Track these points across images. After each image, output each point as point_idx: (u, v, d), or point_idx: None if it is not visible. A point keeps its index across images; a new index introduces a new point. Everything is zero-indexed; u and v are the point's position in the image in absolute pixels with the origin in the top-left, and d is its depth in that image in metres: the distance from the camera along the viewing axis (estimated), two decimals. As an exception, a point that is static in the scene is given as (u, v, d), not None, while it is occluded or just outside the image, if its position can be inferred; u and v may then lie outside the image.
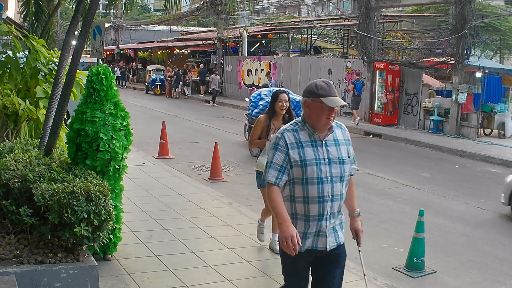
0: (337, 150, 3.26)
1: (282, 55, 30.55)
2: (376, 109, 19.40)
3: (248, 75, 28.22)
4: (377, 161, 12.67)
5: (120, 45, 42.09)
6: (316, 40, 32.47)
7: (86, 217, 4.14)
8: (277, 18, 36.45)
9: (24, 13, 10.56)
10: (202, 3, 30.30)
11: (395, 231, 7.39)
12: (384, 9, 22.57)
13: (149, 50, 41.19)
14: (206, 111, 23.06)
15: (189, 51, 35.87)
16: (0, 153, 5.14)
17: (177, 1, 11.39)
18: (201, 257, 5.63)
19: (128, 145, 5.26)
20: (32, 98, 6.34)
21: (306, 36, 32.26)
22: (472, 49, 20.01)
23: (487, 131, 17.84)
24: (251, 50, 31.41)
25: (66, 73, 5.26)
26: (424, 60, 18.77)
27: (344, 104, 3.34)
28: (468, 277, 6.06)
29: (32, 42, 6.52)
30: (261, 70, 27.33)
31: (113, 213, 4.44)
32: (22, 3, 10.56)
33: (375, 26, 20.16)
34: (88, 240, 4.22)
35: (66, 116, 7.33)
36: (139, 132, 14.58)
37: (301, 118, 3.32)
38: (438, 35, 18.39)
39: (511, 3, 32.16)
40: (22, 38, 7.11)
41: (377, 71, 19.22)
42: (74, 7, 7.10)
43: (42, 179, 4.44)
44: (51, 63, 6.55)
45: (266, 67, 26.89)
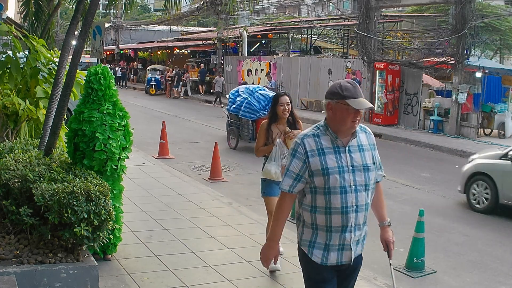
0: (361, 157, 3.03)
1: (282, 55, 30.55)
2: (376, 109, 19.40)
3: (248, 75, 28.22)
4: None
5: (120, 45, 42.09)
6: (316, 40, 32.48)
7: (86, 217, 4.14)
8: (277, 18, 36.46)
9: (24, 13, 10.55)
10: (202, 3, 30.30)
11: (395, 231, 7.32)
12: (384, 9, 22.58)
13: (149, 50, 41.20)
14: (206, 111, 23.06)
15: (189, 51, 35.88)
16: (0, 153, 5.14)
17: (177, 1, 11.38)
18: (201, 257, 5.63)
19: (128, 146, 5.23)
20: (32, 98, 6.34)
21: (306, 36, 32.26)
22: (472, 49, 20.01)
23: (487, 131, 17.85)
24: (251, 50, 31.42)
25: (66, 73, 5.26)
26: (424, 60, 18.77)
27: (371, 107, 2.98)
28: (468, 277, 6.06)
29: (32, 42, 6.52)
30: (261, 70, 27.33)
31: (113, 213, 4.44)
32: (22, 3, 10.55)
33: (375, 26, 20.16)
34: (88, 240, 4.22)
35: (68, 116, 7.33)
36: (139, 132, 14.58)
37: (323, 122, 3.06)
38: (438, 35, 18.40)
39: (511, 3, 32.16)
40: (22, 38, 7.12)
41: (377, 71, 19.23)
42: (74, 7, 7.10)
43: (42, 179, 4.44)
44: (51, 63, 6.55)
45: (266, 67, 26.89)
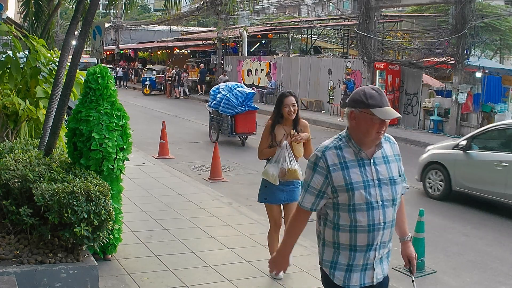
0: (388, 169, 2.80)
1: (282, 55, 30.56)
2: (376, 109, 19.38)
3: (248, 75, 28.22)
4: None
5: (120, 45, 42.10)
6: (316, 40, 32.48)
7: (86, 217, 4.14)
8: (277, 18, 36.45)
9: (24, 13, 10.56)
10: (202, 3, 30.30)
11: (395, 231, 7.37)
12: (384, 9, 22.58)
13: (149, 50, 41.20)
14: (206, 111, 22.97)
15: (189, 51, 35.88)
16: (0, 153, 5.14)
17: (177, 1, 11.39)
18: (201, 257, 5.63)
19: (127, 146, 5.19)
20: (32, 98, 6.35)
21: (306, 36, 32.26)
22: (472, 49, 20.01)
23: (487, 131, 17.80)
24: (251, 50, 31.42)
25: (66, 73, 5.26)
26: (424, 60, 18.77)
27: (399, 117, 2.77)
28: (468, 277, 6.06)
29: (32, 42, 6.52)
30: (261, 70, 27.32)
31: (113, 213, 4.44)
32: (22, 3, 10.56)
33: (375, 26, 20.16)
34: (88, 240, 4.22)
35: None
36: (139, 132, 14.58)
37: (346, 132, 2.82)
38: (438, 35, 18.40)
39: (511, 3, 32.16)
40: (22, 38, 7.12)
41: (377, 71, 19.23)
42: (74, 7, 7.10)
43: (42, 179, 4.44)
44: (51, 63, 6.55)
45: (266, 67, 26.89)
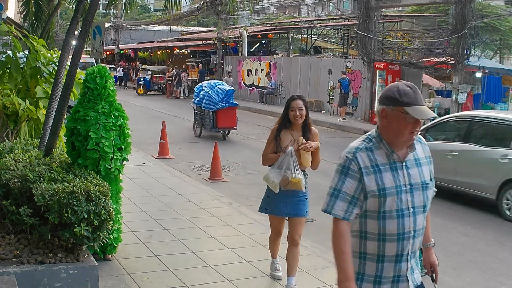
0: (420, 173, 2.58)
1: (282, 55, 30.56)
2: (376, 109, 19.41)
3: (248, 75, 28.22)
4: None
5: (120, 45, 42.12)
6: (316, 40, 32.48)
7: (86, 217, 4.14)
8: (277, 18, 36.46)
9: (24, 13, 10.56)
10: (202, 3, 30.30)
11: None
12: (384, 9, 22.59)
13: (149, 50, 41.23)
14: (206, 111, 23.02)
15: (189, 51, 35.91)
16: (0, 153, 5.14)
17: (177, 1, 11.39)
18: (201, 257, 5.62)
19: (125, 146, 5.17)
20: (32, 98, 6.34)
21: (306, 36, 32.27)
22: (472, 49, 20.03)
23: (487, 131, 17.83)
24: (251, 50, 31.43)
25: (66, 73, 5.26)
26: (424, 60, 18.79)
27: (434, 116, 2.60)
28: (468, 277, 6.06)
29: (32, 42, 6.52)
30: (261, 70, 27.33)
31: (113, 213, 4.44)
32: (22, 3, 10.56)
33: (375, 26, 20.17)
34: (88, 240, 4.22)
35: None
36: (139, 132, 14.58)
37: (375, 132, 2.59)
38: (438, 35, 18.41)
39: (511, 3, 32.16)
40: (22, 38, 7.12)
41: (377, 71, 19.25)
42: (74, 7, 7.10)
43: (42, 179, 4.44)
44: (51, 63, 6.55)
45: (266, 67, 26.89)
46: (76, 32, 6.73)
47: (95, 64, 6.01)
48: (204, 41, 33.56)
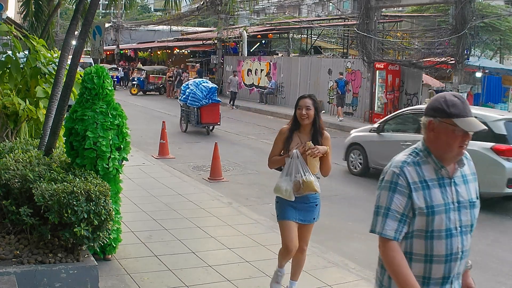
0: (467, 190, 2.44)
1: (282, 55, 30.56)
2: (376, 109, 19.41)
3: (248, 75, 28.22)
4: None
5: (120, 45, 42.12)
6: (316, 40, 32.49)
7: (86, 217, 4.14)
8: (277, 18, 36.48)
9: (24, 13, 10.57)
10: (202, 3, 30.32)
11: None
12: (384, 9, 22.60)
13: (149, 50, 41.23)
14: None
15: (189, 51, 35.90)
16: (0, 153, 5.14)
17: (177, 1, 11.39)
18: (201, 257, 5.62)
19: (124, 146, 5.16)
20: (32, 98, 6.35)
21: (306, 36, 32.28)
22: (472, 49, 20.04)
23: (487, 131, 17.86)
24: (251, 50, 31.43)
25: (66, 73, 5.26)
26: (424, 60, 18.80)
27: (484, 129, 2.32)
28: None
29: (32, 42, 6.52)
30: (261, 70, 27.33)
31: (113, 213, 4.44)
32: (22, 3, 10.57)
33: (375, 26, 20.18)
34: (88, 240, 4.22)
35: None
36: (139, 132, 14.59)
37: (423, 145, 2.44)
38: (438, 35, 18.43)
39: (511, 3, 32.18)
40: (22, 38, 7.12)
41: (377, 71, 19.26)
42: (74, 7, 7.11)
43: (42, 179, 4.44)
44: (51, 63, 6.56)
45: (266, 67, 26.90)
46: (76, 32, 6.73)
47: (93, 64, 6.01)
48: (204, 41, 33.57)
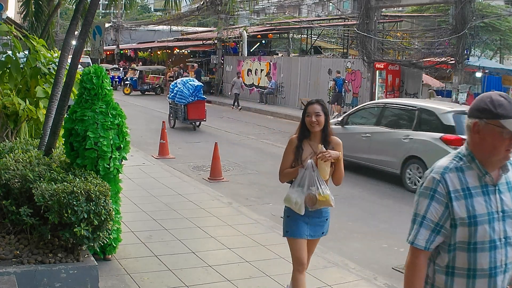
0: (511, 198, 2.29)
1: (282, 55, 30.56)
2: (376, 109, 19.42)
3: (248, 75, 28.22)
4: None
5: (120, 45, 42.12)
6: (316, 40, 32.49)
7: (86, 217, 4.14)
8: (277, 18, 36.45)
9: (24, 13, 10.57)
10: (202, 3, 30.31)
11: (395, 231, 7.38)
12: (384, 9, 22.59)
13: (149, 50, 41.22)
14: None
15: (189, 51, 35.89)
16: (0, 153, 5.14)
17: (177, 1, 11.40)
18: (201, 257, 5.62)
19: (124, 145, 5.17)
20: (32, 98, 6.35)
21: (306, 36, 32.27)
22: (472, 49, 20.04)
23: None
24: (251, 50, 31.42)
25: (66, 73, 5.26)
26: (424, 60, 18.80)
27: None
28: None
29: (32, 42, 6.52)
30: (261, 70, 27.33)
31: (113, 213, 4.44)
32: (22, 3, 10.57)
33: (375, 26, 20.17)
34: (88, 240, 4.22)
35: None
36: (139, 132, 14.59)
37: (466, 150, 2.28)
38: (438, 35, 18.42)
39: (511, 3, 32.19)
40: (22, 38, 7.13)
41: (377, 71, 19.25)
42: (74, 7, 7.11)
43: (42, 179, 4.44)
44: (51, 63, 6.56)
45: (266, 67, 26.89)
46: (76, 32, 6.73)
47: (91, 64, 6.01)
48: (204, 41, 33.56)
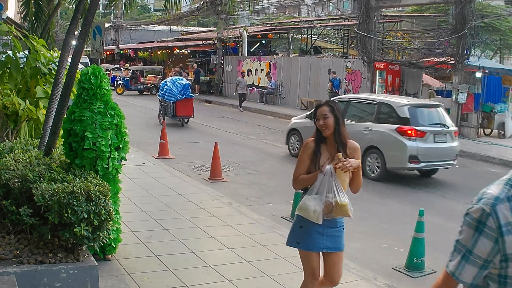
0: None
1: (282, 55, 30.55)
2: (376, 109, 19.43)
3: (248, 75, 28.22)
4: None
5: (120, 45, 42.11)
6: (316, 40, 32.48)
7: (86, 217, 4.14)
8: (277, 18, 36.45)
9: (24, 13, 10.57)
10: (202, 3, 30.30)
11: (395, 231, 7.39)
12: (384, 9, 22.58)
13: (149, 50, 41.20)
14: (206, 111, 23.05)
15: (189, 51, 35.88)
16: (0, 153, 5.15)
17: (177, 1, 11.39)
18: (201, 257, 5.63)
19: (123, 145, 5.16)
20: (32, 98, 6.35)
21: (306, 36, 32.27)
22: (472, 49, 20.03)
23: (487, 131, 17.86)
24: (251, 50, 31.42)
25: (66, 73, 5.26)
26: (424, 60, 18.79)
27: None
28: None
29: (32, 42, 6.52)
30: (261, 70, 27.33)
31: (113, 213, 4.44)
32: (22, 3, 10.57)
33: (375, 26, 20.17)
34: (88, 240, 4.22)
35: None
36: (139, 132, 14.60)
37: None
38: (438, 35, 18.42)
39: (511, 3, 32.18)
40: (22, 38, 7.13)
41: (377, 71, 19.25)
42: (74, 7, 7.11)
43: (42, 179, 4.44)
44: (51, 63, 6.56)
45: (266, 67, 26.89)
46: (76, 32, 6.73)
47: (89, 64, 6.01)
48: (204, 41, 33.55)
